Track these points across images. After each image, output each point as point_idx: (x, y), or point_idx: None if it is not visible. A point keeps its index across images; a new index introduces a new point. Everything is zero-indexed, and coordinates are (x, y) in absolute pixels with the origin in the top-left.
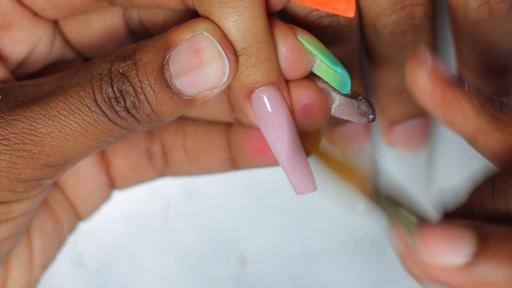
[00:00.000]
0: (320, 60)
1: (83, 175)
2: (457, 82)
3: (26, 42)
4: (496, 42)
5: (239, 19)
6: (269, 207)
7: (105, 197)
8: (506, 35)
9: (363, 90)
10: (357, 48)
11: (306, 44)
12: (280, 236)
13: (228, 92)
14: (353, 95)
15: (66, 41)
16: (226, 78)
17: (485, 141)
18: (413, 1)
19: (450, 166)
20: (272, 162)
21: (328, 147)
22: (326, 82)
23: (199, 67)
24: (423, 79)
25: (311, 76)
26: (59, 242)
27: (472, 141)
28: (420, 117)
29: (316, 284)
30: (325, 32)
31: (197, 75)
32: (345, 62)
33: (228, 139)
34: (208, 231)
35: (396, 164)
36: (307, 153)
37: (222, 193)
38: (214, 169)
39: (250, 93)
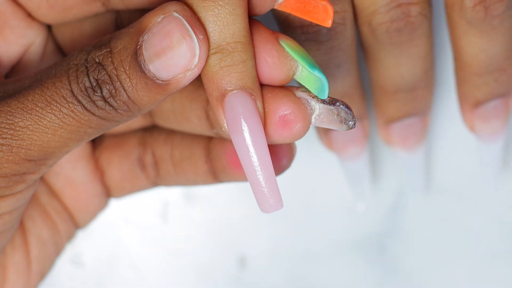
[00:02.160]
0: (299, 63)
1: (79, 184)
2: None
3: (18, 43)
4: (492, 42)
5: (219, 13)
6: None
7: (102, 206)
8: (502, 35)
9: (359, 89)
10: (353, 46)
11: (286, 48)
12: (280, 236)
13: (207, 108)
14: (331, 101)
15: (59, 47)
16: (197, 59)
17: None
18: None
19: (447, 165)
20: None
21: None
22: (305, 91)
23: (170, 48)
24: None
25: (289, 87)
26: (57, 250)
27: None
28: (416, 115)
29: (316, 284)
30: (320, 33)
31: (169, 57)
32: (340, 62)
33: (208, 151)
34: (208, 231)
35: (394, 164)
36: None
37: (221, 193)
38: (199, 180)
39: (222, 96)
